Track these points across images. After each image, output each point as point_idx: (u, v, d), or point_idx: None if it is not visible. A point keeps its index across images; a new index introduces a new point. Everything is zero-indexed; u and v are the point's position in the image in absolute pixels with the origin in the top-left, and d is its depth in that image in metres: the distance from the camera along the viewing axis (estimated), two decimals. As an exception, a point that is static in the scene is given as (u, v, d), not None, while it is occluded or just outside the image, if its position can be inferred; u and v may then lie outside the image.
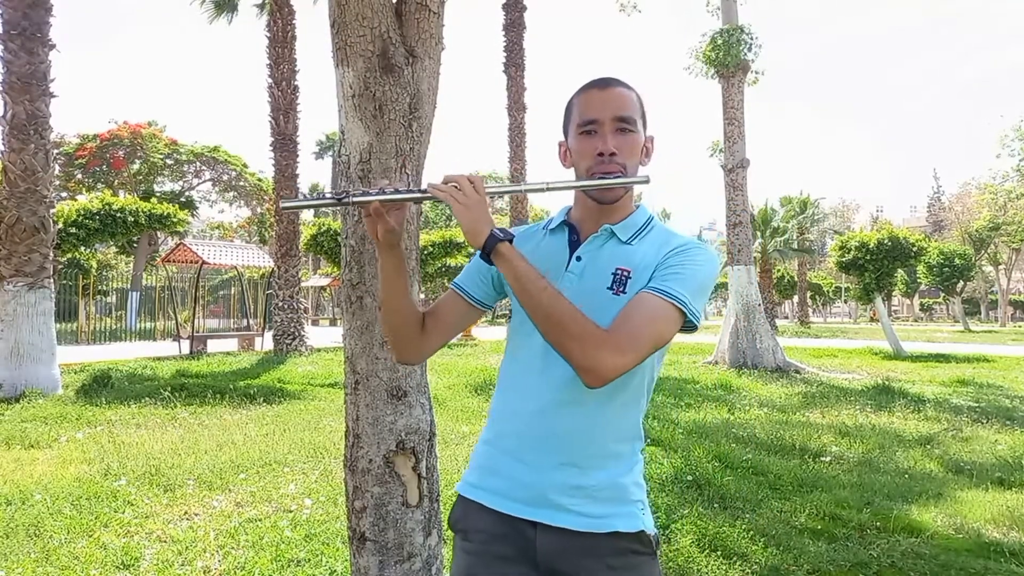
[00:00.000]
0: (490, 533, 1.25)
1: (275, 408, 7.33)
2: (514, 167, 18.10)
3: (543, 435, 1.23)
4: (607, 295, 1.22)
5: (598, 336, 1.09)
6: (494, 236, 1.14)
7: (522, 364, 1.28)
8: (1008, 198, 26.12)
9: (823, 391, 8.92)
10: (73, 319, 18.93)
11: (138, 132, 31.96)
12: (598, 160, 1.23)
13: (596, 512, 1.21)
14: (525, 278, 1.13)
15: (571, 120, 1.30)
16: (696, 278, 1.19)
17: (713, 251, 1.27)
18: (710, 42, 12.89)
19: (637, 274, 1.22)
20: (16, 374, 8.02)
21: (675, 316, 1.15)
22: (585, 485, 1.21)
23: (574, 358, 1.09)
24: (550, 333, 1.11)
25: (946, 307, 55.10)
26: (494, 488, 1.27)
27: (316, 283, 34.81)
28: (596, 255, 1.27)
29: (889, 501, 4.11)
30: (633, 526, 1.22)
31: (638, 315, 1.13)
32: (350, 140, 1.99)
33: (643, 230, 1.29)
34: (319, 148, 57.93)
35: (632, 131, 1.25)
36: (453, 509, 1.34)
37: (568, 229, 1.33)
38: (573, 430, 1.22)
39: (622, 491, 1.23)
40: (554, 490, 1.21)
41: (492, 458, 1.30)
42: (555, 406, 1.22)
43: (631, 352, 1.10)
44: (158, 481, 4.35)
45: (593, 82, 1.29)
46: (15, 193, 8.31)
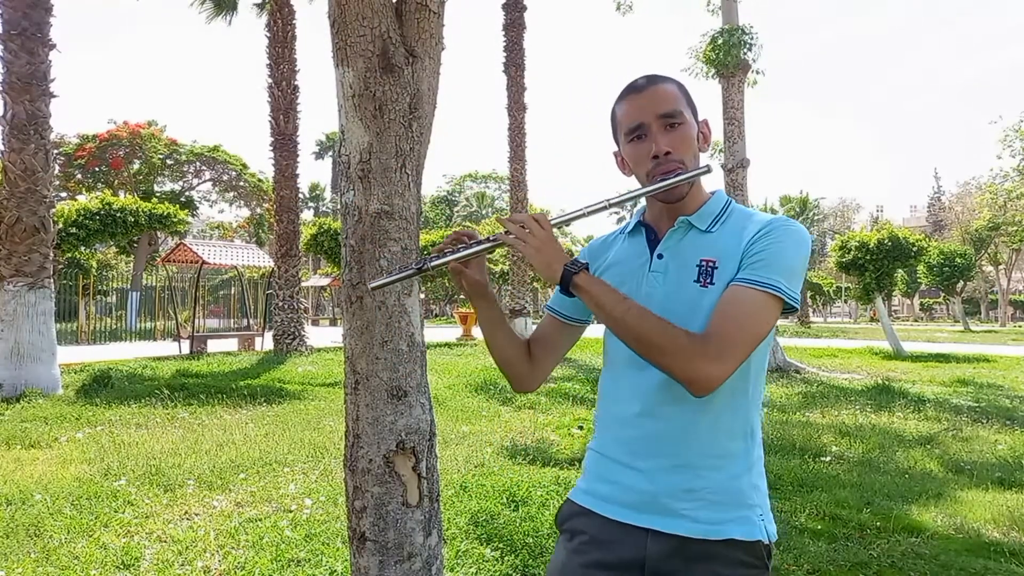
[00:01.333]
0: (593, 538, 1.23)
1: (275, 408, 7.33)
2: (514, 167, 18.10)
3: (649, 437, 1.20)
4: (695, 288, 1.18)
5: (693, 347, 1.07)
6: (568, 271, 1.14)
7: (619, 369, 1.27)
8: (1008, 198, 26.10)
9: (823, 391, 8.92)
10: (73, 319, 18.93)
11: (137, 132, 31.97)
12: (655, 163, 1.21)
13: (711, 518, 1.16)
14: (607, 304, 1.12)
15: (618, 130, 1.29)
16: (787, 258, 1.14)
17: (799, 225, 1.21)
18: (710, 42, 12.89)
19: (723, 263, 1.18)
20: (16, 374, 8.02)
21: (773, 304, 1.12)
22: (698, 488, 1.17)
23: (674, 373, 1.08)
24: (644, 352, 1.10)
25: (946, 307, 55.10)
26: (603, 494, 1.25)
27: (316, 283, 34.83)
28: (677, 249, 1.24)
29: (889, 501, 4.11)
30: (750, 534, 1.16)
31: (733, 314, 1.10)
32: (350, 140, 1.99)
33: (721, 215, 1.25)
34: (319, 148, 57.96)
35: (681, 123, 1.23)
36: (560, 509, 1.33)
37: (645, 229, 1.32)
38: (680, 430, 1.18)
39: (738, 494, 1.18)
40: (666, 495, 1.17)
41: (601, 464, 1.28)
42: (657, 406, 1.19)
43: (730, 357, 1.07)
44: (158, 481, 4.35)
45: (630, 87, 1.27)
46: (15, 193, 8.31)
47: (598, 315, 1.15)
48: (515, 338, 1.35)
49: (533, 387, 1.40)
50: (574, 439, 5.89)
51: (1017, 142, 21.11)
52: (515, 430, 6.16)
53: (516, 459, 5.04)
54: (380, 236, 1.95)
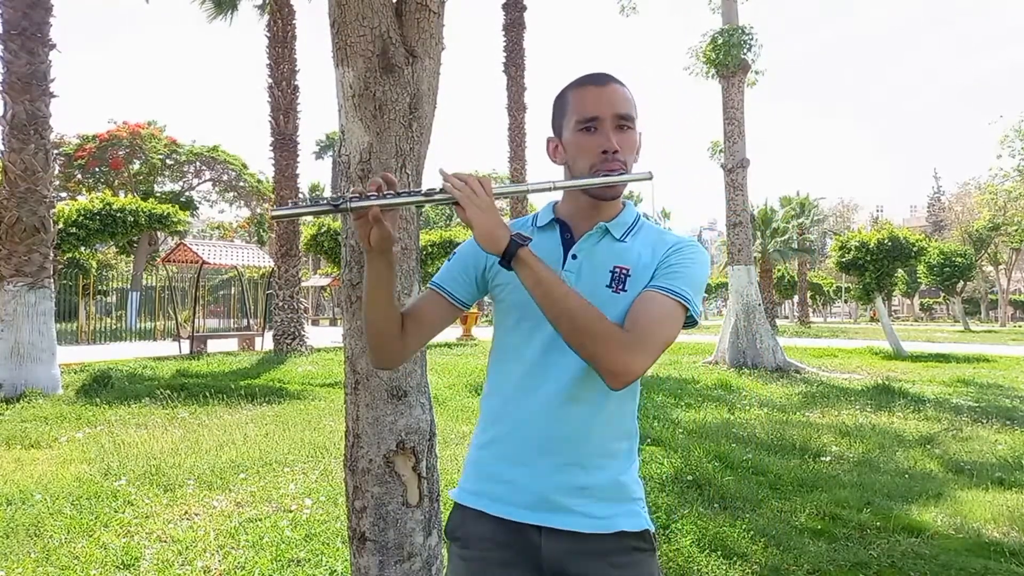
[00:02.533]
0: (492, 540, 1.23)
1: (275, 408, 7.33)
2: (514, 167, 18.11)
3: (544, 436, 1.22)
4: (607, 293, 1.21)
5: (622, 339, 1.10)
6: (515, 242, 1.11)
7: (518, 365, 1.26)
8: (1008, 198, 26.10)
9: (823, 391, 8.92)
10: (73, 319, 18.93)
11: (137, 132, 31.97)
12: (602, 158, 1.22)
13: (600, 513, 1.21)
14: (548, 283, 1.11)
15: (566, 116, 1.27)
16: (695, 276, 1.21)
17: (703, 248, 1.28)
18: (710, 42, 12.89)
19: (636, 272, 1.23)
20: (16, 374, 8.02)
21: (681, 314, 1.18)
22: (588, 485, 1.21)
23: (599, 361, 1.09)
24: (574, 337, 1.10)
25: (946, 307, 55.10)
26: (494, 494, 1.25)
27: (316, 283, 34.83)
28: (592, 253, 1.26)
29: (889, 501, 4.11)
30: (637, 525, 1.23)
31: (651, 314, 1.14)
32: (350, 140, 1.99)
33: (633, 227, 1.30)
34: (319, 148, 57.94)
35: (631, 128, 1.25)
36: (450, 517, 1.32)
37: (560, 226, 1.31)
38: (574, 430, 1.21)
39: (624, 490, 1.24)
40: (558, 492, 1.20)
41: (489, 463, 1.28)
42: (555, 406, 1.21)
43: (651, 352, 1.11)
44: (158, 481, 4.35)
45: (589, 77, 1.27)
46: (15, 193, 8.31)
47: (534, 292, 1.11)
48: (396, 310, 1.27)
49: (397, 363, 1.33)
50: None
51: (1017, 142, 21.11)
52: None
53: (516, 459, 5.04)
54: (380, 236, 1.94)
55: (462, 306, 1.34)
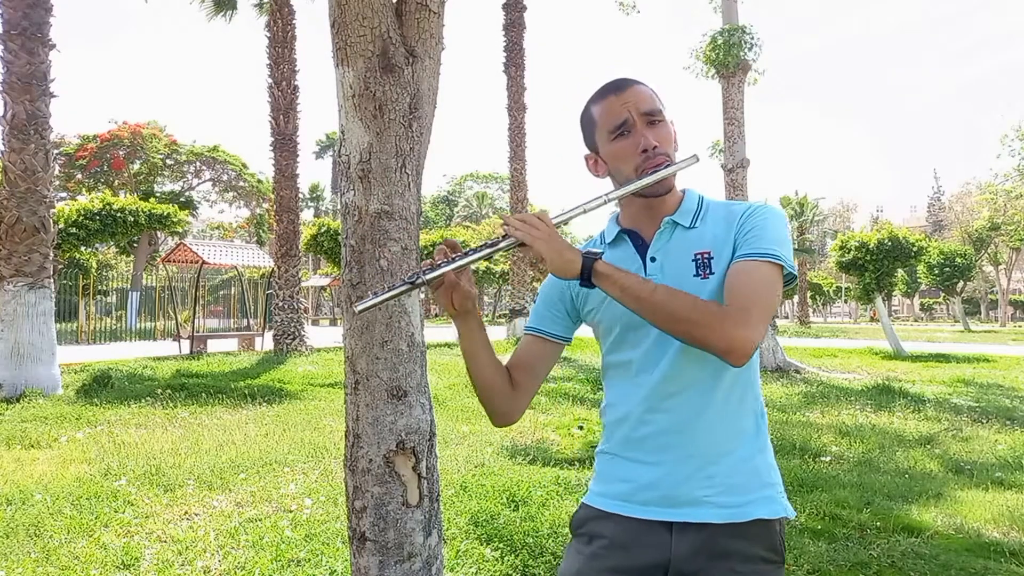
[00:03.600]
0: (613, 542, 1.21)
1: (275, 408, 7.33)
2: (514, 167, 18.11)
3: (659, 432, 1.20)
4: (695, 282, 1.20)
5: (725, 315, 1.08)
6: (589, 259, 1.12)
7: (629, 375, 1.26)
8: (1008, 198, 26.11)
9: (823, 391, 8.92)
10: (73, 319, 18.93)
11: (138, 132, 31.98)
12: (644, 156, 1.22)
13: (733, 501, 1.17)
14: (633, 286, 1.11)
15: (597, 129, 1.27)
16: (778, 232, 1.19)
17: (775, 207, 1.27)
18: (710, 42, 12.88)
19: (717, 252, 1.21)
20: (16, 374, 8.02)
21: (777, 272, 1.15)
22: (715, 473, 1.18)
23: (710, 343, 1.07)
24: (678, 328, 1.09)
25: (946, 307, 55.10)
26: (621, 494, 1.23)
27: (316, 283, 34.83)
28: (668, 249, 1.25)
29: (889, 501, 4.11)
30: (774, 512, 1.19)
31: (748, 283, 1.12)
32: (350, 140, 1.99)
33: (699, 211, 1.28)
34: (319, 148, 57.98)
35: (663, 120, 1.25)
36: (576, 513, 1.31)
37: (629, 236, 1.31)
38: (690, 418, 1.19)
39: (755, 474, 1.20)
40: (684, 484, 1.18)
41: (611, 464, 1.27)
42: (662, 399, 1.20)
43: (759, 322, 1.09)
44: (158, 481, 4.35)
45: (607, 87, 1.27)
46: (15, 193, 8.31)
47: (624, 299, 1.12)
48: (499, 364, 1.29)
49: (516, 418, 1.33)
50: (574, 439, 5.89)
51: (1017, 142, 21.12)
52: (515, 430, 6.16)
53: (516, 459, 5.04)
54: (380, 236, 1.94)
55: (563, 341, 1.36)
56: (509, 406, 1.30)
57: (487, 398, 1.30)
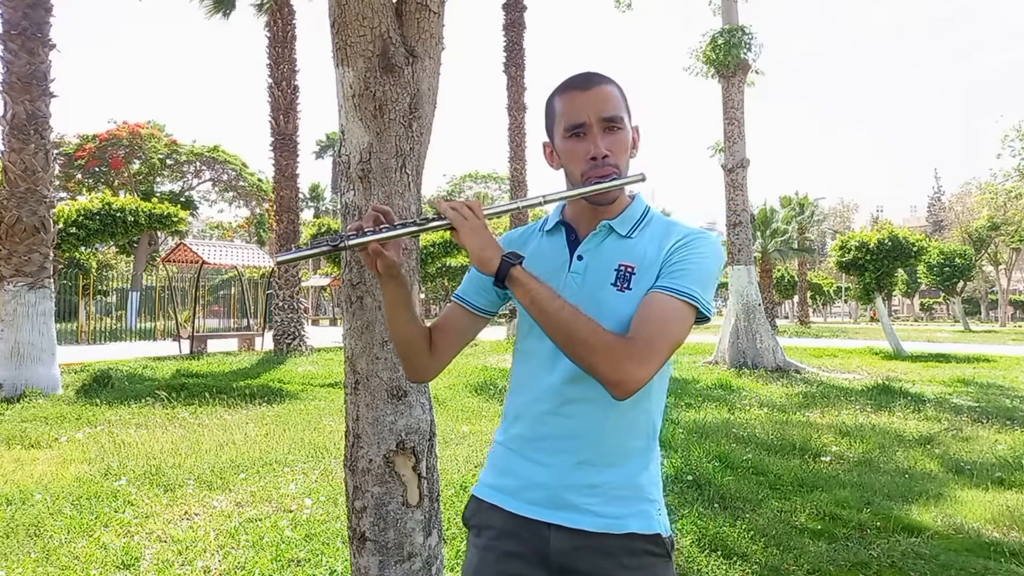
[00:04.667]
0: (501, 530, 1.25)
1: (275, 408, 7.33)
2: (514, 167, 18.11)
3: (556, 434, 1.22)
4: (612, 292, 1.20)
5: (621, 349, 1.08)
6: (507, 262, 1.13)
7: (533, 365, 1.28)
8: (1008, 198, 26.10)
9: (823, 391, 8.92)
10: (73, 319, 18.93)
11: (137, 132, 31.97)
12: (591, 164, 1.21)
13: (611, 512, 1.20)
14: (542, 300, 1.12)
15: (555, 122, 1.27)
16: (704, 271, 1.18)
17: (715, 238, 1.25)
18: (710, 42, 12.88)
19: (641, 269, 1.21)
20: (16, 374, 8.02)
21: (689, 313, 1.15)
22: (600, 483, 1.20)
23: (600, 373, 1.08)
24: (572, 351, 1.10)
25: (946, 307, 55.10)
26: (508, 488, 1.27)
27: (316, 283, 34.81)
28: (597, 252, 1.26)
29: (889, 501, 4.11)
30: (649, 527, 1.21)
31: (655, 319, 1.12)
32: (350, 140, 1.99)
33: (641, 222, 1.28)
34: (319, 148, 57.94)
35: (620, 128, 1.23)
36: (467, 506, 1.35)
37: (565, 228, 1.32)
38: (586, 428, 1.20)
39: (638, 490, 1.22)
40: (569, 490, 1.20)
41: (506, 458, 1.29)
42: (567, 404, 1.21)
43: (654, 359, 1.09)
44: (158, 481, 4.35)
45: (573, 81, 1.26)
46: (15, 193, 8.31)
47: (530, 309, 1.13)
48: (419, 324, 1.31)
49: (431, 377, 1.38)
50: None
51: (1017, 142, 21.11)
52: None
53: (516, 459, 5.03)
54: (380, 236, 1.94)
55: (486, 315, 1.38)
56: (425, 365, 1.33)
57: (405, 355, 1.33)
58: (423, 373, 1.35)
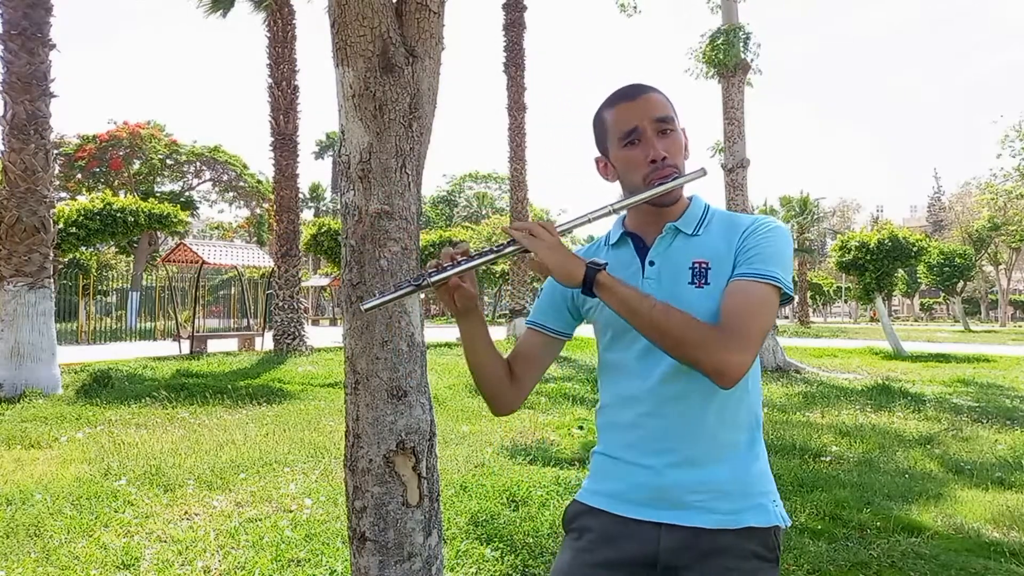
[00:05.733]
0: (602, 535, 1.23)
1: (275, 408, 7.33)
2: (514, 167, 18.10)
3: (655, 436, 1.21)
4: (690, 290, 1.21)
5: (719, 339, 1.09)
6: (591, 269, 1.13)
7: (621, 376, 1.28)
8: (1008, 198, 26.10)
9: (823, 391, 8.92)
10: (73, 319, 18.93)
11: (137, 132, 31.97)
12: (652, 167, 1.23)
13: (725, 508, 1.18)
14: (631, 300, 1.12)
15: (608, 135, 1.29)
16: (780, 252, 1.19)
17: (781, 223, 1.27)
18: (709, 42, 12.87)
19: (715, 263, 1.22)
20: (16, 374, 8.02)
21: (774, 295, 1.16)
22: (708, 479, 1.19)
23: (702, 365, 1.09)
24: (671, 347, 1.11)
25: (946, 307, 55.10)
26: (611, 492, 1.25)
27: (316, 283, 34.84)
28: (667, 255, 1.27)
29: (889, 501, 4.11)
30: (766, 520, 1.20)
31: (745, 305, 1.13)
32: (350, 140, 1.99)
33: (704, 219, 1.29)
34: (319, 148, 57.96)
35: (673, 130, 1.26)
36: (567, 509, 1.33)
37: (632, 239, 1.32)
38: (685, 426, 1.20)
39: (749, 483, 1.21)
40: (677, 489, 1.19)
41: (608, 465, 1.28)
42: (659, 404, 1.21)
43: (751, 346, 1.10)
44: (158, 481, 4.35)
45: (621, 93, 1.28)
46: (15, 193, 8.31)
47: (621, 311, 1.13)
48: (499, 357, 1.32)
49: (515, 408, 1.37)
50: (574, 439, 5.89)
51: (1017, 142, 21.11)
52: (515, 430, 6.16)
53: (516, 459, 5.04)
54: (380, 236, 1.95)
55: (563, 337, 1.39)
56: (508, 397, 1.34)
57: (487, 389, 1.33)
58: (508, 406, 1.35)
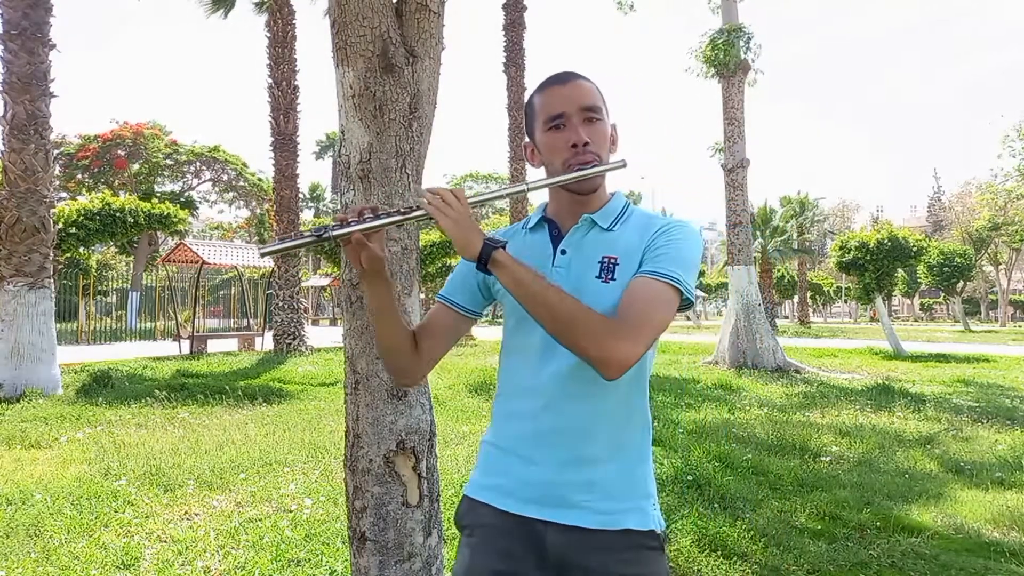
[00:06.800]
0: (495, 527, 1.24)
1: (275, 408, 7.33)
2: (514, 167, 18.10)
3: (548, 432, 1.22)
4: (596, 284, 1.22)
5: (609, 327, 1.09)
6: (488, 245, 1.13)
7: (521, 364, 1.28)
8: (1008, 198, 26.10)
9: (823, 391, 8.92)
10: (73, 319, 18.93)
11: (139, 132, 31.97)
12: (573, 152, 1.23)
13: (607, 508, 1.20)
14: (527, 281, 1.12)
15: (535, 118, 1.30)
16: (685, 255, 1.20)
17: (693, 225, 1.27)
18: (710, 42, 12.88)
19: (624, 260, 1.22)
20: (16, 374, 8.02)
21: (673, 296, 1.16)
22: (596, 479, 1.20)
23: (589, 353, 1.09)
24: (560, 331, 1.10)
25: (946, 307, 55.09)
26: (501, 487, 1.26)
27: (316, 283, 34.80)
28: (580, 245, 1.27)
29: (889, 501, 4.11)
30: (644, 524, 1.21)
31: (641, 301, 1.13)
32: (350, 140, 1.99)
33: (622, 215, 1.30)
34: (319, 148, 57.95)
35: (600, 119, 1.26)
36: (458, 507, 1.33)
37: (548, 225, 1.33)
38: (579, 424, 1.21)
39: (634, 485, 1.23)
40: (564, 487, 1.20)
41: (497, 458, 1.29)
42: (558, 401, 1.21)
43: (641, 338, 1.10)
44: (158, 481, 4.35)
45: (552, 79, 1.29)
46: (15, 193, 8.31)
47: (516, 292, 1.13)
48: (403, 326, 1.30)
49: (416, 380, 1.37)
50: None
51: (1017, 142, 21.11)
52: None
53: (516, 459, 5.03)
54: (380, 236, 1.94)
55: (471, 315, 1.37)
56: (410, 367, 1.33)
57: (389, 357, 1.32)
58: (409, 376, 1.35)
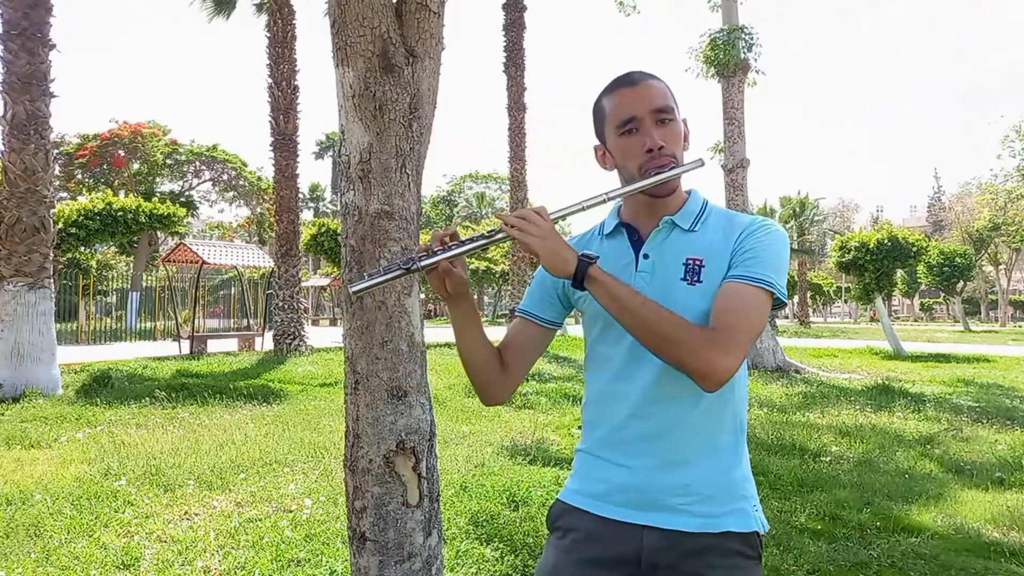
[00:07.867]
0: (587, 535, 1.22)
1: (275, 408, 7.33)
2: (514, 167, 18.11)
3: (640, 437, 1.20)
4: (683, 287, 1.20)
5: (708, 339, 1.08)
6: (584, 262, 1.12)
7: (610, 372, 1.26)
8: (1008, 198, 26.11)
9: (823, 391, 8.92)
10: (73, 319, 18.93)
11: (138, 131, 31.97)
12: (648, 156, 1.21)
13: (707, 511, 1.18)
14: (622, 297, 1.11)
15: (606, 122, 1.27)
16: (775, 256, 1.18)
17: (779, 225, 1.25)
18: (710, 42, 12.87)
19: (710, 261, 1.20)
20: (16, 374, 8.02)
21: (766, 299, 1.15)
22: (691, 483, 1.18)
23: (687, 366, 1.08)
24: (657, 346, 1.09)
25: (946, 307, 55.09)
26: (595, 492, 1.24)
27: (316, 283, 34.82)
28: (662, 249, 1.24)
29: (889, 501, 4.11)
30: (746, 525, 1.19)
31: (736, 307, 1.12)
32: (350, 140, 1.99)
33: (702, 214, 1.27)
34: (319, 148, 57.98)
35: (672, 120, 1.24)
36: (551, 509, 1.32)
37: (626, 230, 1.31)
38: (671, 428, 1.19)
39: (731, 487, 1.20)
40: (659, 491, 1.18)
41: (591, 464, 1.27)
42: (648, 405, 1.20)
43: (739, 349, 1.08)
44: (158, 481, 4.35)
45: (621, 80, 1.26)
46: (15, 193, 8.31)
47: (611, 307, 1.12)
48: (489, 344, 1.29)
49: (505, 398, 1.35)
50: (574, 439, 5.89)
51: (1017, 142, 21.11)
52: (515, 430, 6.16)
53: (516, 459, 5.04)
54: (380, 236, 1.95)
55: (553, 326, 1.36)
56: (499, 386, 1.32)
57: (478, 378, 1.31)
58: (498, 395, 1.33)
